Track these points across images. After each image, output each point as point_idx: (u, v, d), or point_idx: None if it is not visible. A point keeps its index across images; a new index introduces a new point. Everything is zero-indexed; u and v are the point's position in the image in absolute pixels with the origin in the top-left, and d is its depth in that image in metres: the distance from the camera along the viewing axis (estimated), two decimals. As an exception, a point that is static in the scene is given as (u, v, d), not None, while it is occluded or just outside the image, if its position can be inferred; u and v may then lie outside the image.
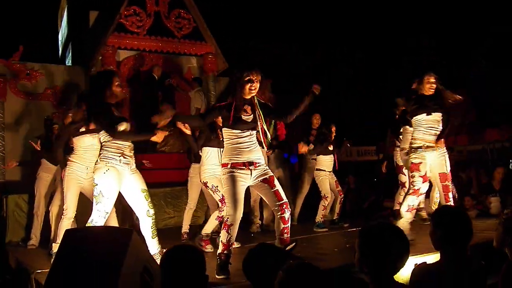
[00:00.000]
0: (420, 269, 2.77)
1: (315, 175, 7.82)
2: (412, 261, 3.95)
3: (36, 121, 9.53)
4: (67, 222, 5.51)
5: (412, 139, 5.75)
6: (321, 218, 7.54)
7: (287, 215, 4.48)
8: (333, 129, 7.76)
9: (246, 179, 4.47)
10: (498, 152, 13.78)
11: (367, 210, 9.89)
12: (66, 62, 21.63)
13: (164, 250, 4.74)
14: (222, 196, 5.53)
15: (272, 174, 4.62)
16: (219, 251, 4.43)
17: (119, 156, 4.55)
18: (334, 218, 7.92)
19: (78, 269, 2.95)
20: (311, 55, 21.17)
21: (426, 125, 5.63)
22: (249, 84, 4.50)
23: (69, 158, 5.67)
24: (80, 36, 14.70)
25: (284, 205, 4.47)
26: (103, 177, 4.50)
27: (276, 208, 4.51)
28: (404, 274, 3.44)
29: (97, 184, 4.51)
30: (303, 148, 7.14)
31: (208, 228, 6.16)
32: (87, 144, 5.64)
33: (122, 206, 5.84)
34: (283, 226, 4.49)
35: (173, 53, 10.84)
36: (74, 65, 13.73)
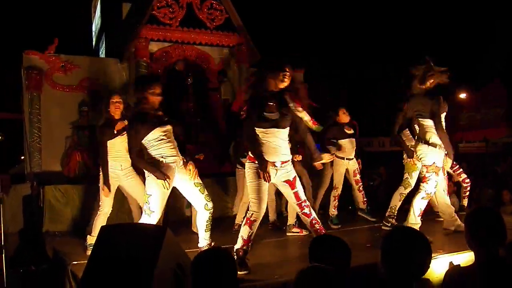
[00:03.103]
0: (453, 271, 2.74)
1: (334, 162, 7.35)
2: (447, 259, 3.92)
3: (72, 112, 9.69)
4: (103, 218, 5.71)
5: (429, 138, 5.40)
6: (334, 210, 7.29)
7: (307, 210, 4.66)
8: (342, 111, 7.38)
9: (271, 177, 4.52)
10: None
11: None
12: (100, 53, 21.96)
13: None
14: None
15: (295, 174, 4.72)
16: (238, 246, 4.50)
17: (161, 159, 4.73)
18: (361, 207, 7.59)
19: (113, 265, 3.00)
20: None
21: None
22: (282, 74, 4.53)
23: None
24: (114, 27, 14.88)
25: (303, 203, 4.65)
26: (147, 180, 4.74)
27: (296, 207, 4.72)
28: (438, 272, 3.41)
29: (146, 188, 4.77)
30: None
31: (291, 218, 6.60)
32: (118, 146, 5.74)
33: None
34: (308, 219, 4.67)
35: (205, 44, 10.83)
36: (108, 57, 13.85)
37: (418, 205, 5.40)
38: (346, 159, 7.40)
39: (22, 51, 9.62)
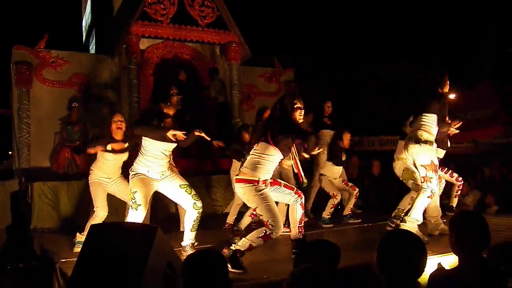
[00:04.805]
0: (437, 273, 2.76)
1: (319, 180, 7.69)
2: (435, 261, 3.93)
3: (61, 108, 9.64)
4: (97, 221, 5.65)
5: (425, 131, 5.46)
6: (328, 215, 7.36)
7: (303, 200, 4.79)
8: (346, 136, 7.66)
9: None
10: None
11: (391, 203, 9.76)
12: (90, 49, 21.88)
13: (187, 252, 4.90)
14: None
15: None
16: (242, 248, 4.48)
17: (147, 170, 4.86)
18: (346, 213, 7.71)
19: (103, 264, 2.99)
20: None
21: (434, 125, 5.49)
22: (299, 111, 4.62)
23: (91, 167, 5.83)
24: (104, 23, 14.79)
25: (298, 190, 4.81)
26: (131, 182, 4.87)
27: (293, 198, 4.77)
28: (427, 273, 3.43)
29: (130, 185, 4.88)
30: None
31: None
32: (109, 160, 5.73)
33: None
34: (301, 212, 4.79)
35: (196, 42, 10.81)
36: (98, 53, 13.78)
37: (422, 203, 5.42)
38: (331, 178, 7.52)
39: (12, 46, 9.55)
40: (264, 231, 4.43)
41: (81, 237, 5.56)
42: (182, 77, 10.20)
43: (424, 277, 2.94)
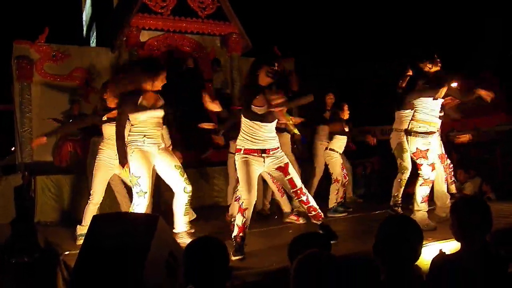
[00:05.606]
0: (439, 259, 2.77)
1: (327, 155, 7.43)
2: (437, 247, 3.94)
3: (63, 102, 9.66)
4: (92, 208, 5.65)
5: (414, 120, 5.43)
6: (335, 203, 7.23)
7: (304, 197, 4.72)
8: (345, 107, 7.48)
9: (259, 165, 4.59)
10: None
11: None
12: (91, 43, 21.87)
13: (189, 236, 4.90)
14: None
15: (287, 161, 4.75)
16: (234, 234, 4.54)
17: (142, 137, 4.69)
18: (338, 201, 7.54)
19: (105, 255, 3.00)
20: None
21: (431, 108, 5.34)
22: (268, 68, 4.53)
23: (100, 146, 5.78)
24: (104, 16, 14.77)
25: (299, 191, 4.71)
26: (130, 160, 4.66)
27: (293, 195, 4.81)
28: (428, 260, 3.44)
29: (129, 168, 4.67)
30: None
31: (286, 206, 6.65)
32: (110, 133, 5.67)
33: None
34: (306, 206, 4.76)
35: (197, 33, 10.81)
36: (99, 46, 13.77)
37: (419, 192, 5.41)
38: (339, 153, 7.47)
39: (13, 40, 9.55)
40: (238, 206, 4.55)
41: (81, 229, 5.54)
42: (191, 64, 10.24)
43: (425, 263, 2.96)
